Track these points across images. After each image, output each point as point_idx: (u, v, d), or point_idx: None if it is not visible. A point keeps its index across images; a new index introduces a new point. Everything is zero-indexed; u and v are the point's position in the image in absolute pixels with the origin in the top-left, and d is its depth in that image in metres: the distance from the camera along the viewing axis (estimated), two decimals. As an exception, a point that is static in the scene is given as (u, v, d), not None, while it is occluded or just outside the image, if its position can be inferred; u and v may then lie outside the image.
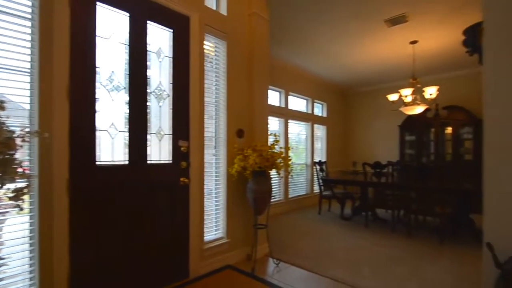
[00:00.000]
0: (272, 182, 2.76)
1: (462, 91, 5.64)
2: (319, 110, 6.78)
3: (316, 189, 6.05)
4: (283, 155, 2.62)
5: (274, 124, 5.38)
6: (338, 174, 7.10)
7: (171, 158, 2.32)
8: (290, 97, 5.72)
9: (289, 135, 5.67)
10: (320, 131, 6.75)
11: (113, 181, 1.97)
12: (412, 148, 6.13)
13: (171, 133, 2.32)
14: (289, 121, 5.59)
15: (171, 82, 2.35)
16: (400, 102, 4.49)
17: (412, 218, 3.91)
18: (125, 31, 2.08)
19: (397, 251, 3.18)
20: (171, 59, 2.36)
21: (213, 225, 2.75)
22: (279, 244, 3.35)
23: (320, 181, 5.12)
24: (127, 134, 2.07)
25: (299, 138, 6.10)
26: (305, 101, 6.31)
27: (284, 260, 2.87)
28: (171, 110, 2.34)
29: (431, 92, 4.01)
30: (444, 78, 5.69)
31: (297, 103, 6.07)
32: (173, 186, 2.32)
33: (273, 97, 5.43)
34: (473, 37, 1.77)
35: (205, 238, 2.61)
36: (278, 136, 2.70)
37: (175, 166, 2.34)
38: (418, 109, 4.13)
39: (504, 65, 1.51)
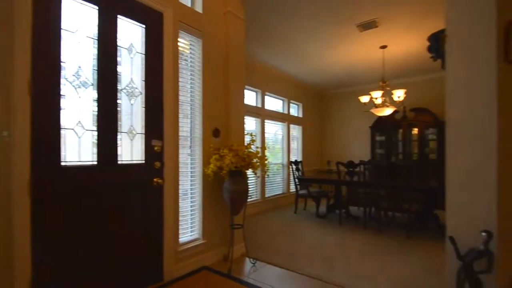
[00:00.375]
0: (249, 181, 2.75)
1: (428, 94, 5.99)
2: (295, 110, 6.89)
3: (293, 188, 6.14)
4: (259, 154, 2.63)
5: (250, 124, 5.39)
6: (313, 173, 7.26)
7: (143, 158, 2.24)
8: (266, 97, 5.76)
9: (266, 135, 5.71)
10: (296, 131, 6.85)
11: (80, 182, 1.87)
12: (382, 148, 6.41)
13: (143, 132, 2.25)
14: (265, 121, 5.63)
15: (144, 79, 2.27)
16: (371, 104, 4.68)
17: (382, 215, 4.08)
18: (94, 25, 1.98)
19: (368, 246, 3.30)
20: (144, 55, 2.28)
21: (189, 226, 2.70)
22: (256, 244, 3.35)
23: (296, 181, 5.20)
24: (96, 133, 1.97)
25: (275, 138, 6.16)
26: (281, 101, 6.38)
27: (261, 259, 2.87)
28: (144, 108, 2.26)
29: (399, 94, 4.22)
30: (411, 82, 6.01)
31: (273, 103, 6.12)
32: (146, 187, 2.24)
33: (250, 97, 5.43)
34: (436, 44, 1.89)
35: (180, 239, 2.55)
36: (255, 136, 2.70)
37: (148, 166, 2.26)
38: (388, 111, 4.33)
39: (464, 70, 1.62)
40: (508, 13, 1.60)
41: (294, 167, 5.39)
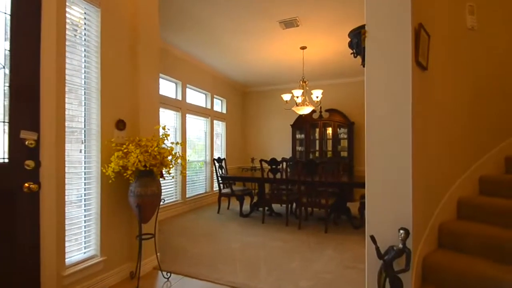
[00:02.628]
0: (166, 181, 2.36)
1: (341, 97, 6.53)
2: (219, 106, 6.62)
3: (216, 187, 5.87)
4: (174, 151, 2.26)
5: (170, 117, 4.88)
6: (237, 171, 7.15)
7: (6, 156, 1.63)
8: (188, 90, 5.33)
9: (188, 130, 5.28)
10: (220, 127, 6.60)
11: None
12: (301, 145, 6.73)
13: (7, 120, 1.63)
14: (187, 115, 5.20)
15: (9, 48, 1.66)
16: (293, 102, 4.78)
17: (303, 211, 4.20)
18: None
19: (291, 244, 3.29)
20: (10, 16, 1.66)
21: (82, 241, 2.15)
22: (173, 252, 2.96)
23: (219, 179, 4.95)
24: None
25: (198, 134, 5.78)
26: (204, 95, 6.02)
27: (177, 271, 2.52)
28: (8, 87, 1.64)
29: (317, 94, 4.40)
30: (327, 84, 6.45)
31: (196, 97, 5.72)
32: (11, 196, 1.64)
33: (169, 88, 4.92)
34: (356, 39, 1.89)
35: (68, 260, 1.99)
36: (169, 129, 2.32)
37: (15, 166, 1.65)
38: (307, 109, 4.48)
39: (382, 70, 1.63)
40: (418, 16, 1.68)
41: (217, 164, 5.13)
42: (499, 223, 1.88)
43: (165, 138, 2.25)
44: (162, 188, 2.35)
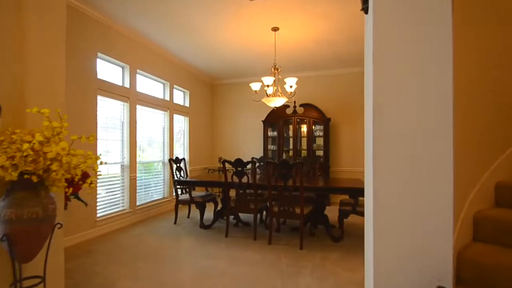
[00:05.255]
0: (109, 187, 1.56)
1: (317, 91, 5.97)
2: (180, 98, 5.78)
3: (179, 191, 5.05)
4: (74, 151, 1.47)
5: (115, 108, 3.99)
6: (203, 172, 6.36)
7: None
8: (140, 77, 4.45)
9: (141, 125, 4.41)
10: (182, 123, 5.77)
11: None
12: (274, 144, 6.08)
13: None
14: (138, 106, 4.33)
15: None
16: (263, 94, 4.10)
17: (274, 221, 3.54)
18: None
19: (257, 270, 2.59)
20: None
21: None
22: (93, 290, 2.15)
23: (176, 184, 4.14)
24: None
25: (154, 129, 4.91)
26: (162, 85, 5.16)
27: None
28: None
29: (291, 83, 3.76)
30: (302, 77, 5.82)
31: (150, 86, 4.85)
32: None
33: (113, 72, 4.02)
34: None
35: None
36: (60, 119, 1.52)
37: None
38: (279, 101, 3.82)
39: (405, 16, 0.97)
40: None
41: (175, 166, 4.33)
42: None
43: (60, 130, 1.44)
44: (104, 195, 1.55)
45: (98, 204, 3.66)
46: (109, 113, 3.90)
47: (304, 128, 5.91)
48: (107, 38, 3.73)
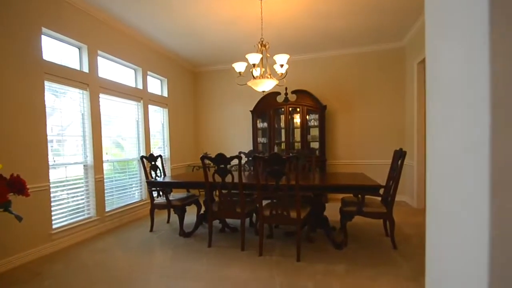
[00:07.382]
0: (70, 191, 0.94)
1: (311, 75, 5.39)
2: (157, 87, 5.12)
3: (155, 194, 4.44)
4: None
5: (73, 97, 3.33)
6: (186, 169, 5.75)
7: None
8: (102, 59, 3.78)
9: (106, 117, 3.76)
10: (160, 115, 5.12)
11: None
12: (264, 136, 5.51)
13: None
14: (102, 95, 3.67)
15: None
16: (250, 77, 3.49)
17: (265, 226, 2.98)
18: None
19: (244, 292, 2.05)
20: None
21: None
22: None
23: (148, 185, 3.53)
24: None
25: (126, 122, 4.26)
26: (133, 71, 4.49)
27: None
28: None
29: (282, 61, 3.16)
30: (295, 60, 5.23)
31: (118, 72, 4.17)
32: None
33: (67, 54, 3.35)
34: None
35: None
36: None
37: None
38: (268, 83, 3.22)
39: None
40: None
41: (150, 164, 3.72)
42: None
43: None
44: (61, 202, 0.93)
45: (54, 213, 3.04)
46: (63, 103, 3.24)
47: (297, 119, 5.34)
48: (55, 11, 3.04)
